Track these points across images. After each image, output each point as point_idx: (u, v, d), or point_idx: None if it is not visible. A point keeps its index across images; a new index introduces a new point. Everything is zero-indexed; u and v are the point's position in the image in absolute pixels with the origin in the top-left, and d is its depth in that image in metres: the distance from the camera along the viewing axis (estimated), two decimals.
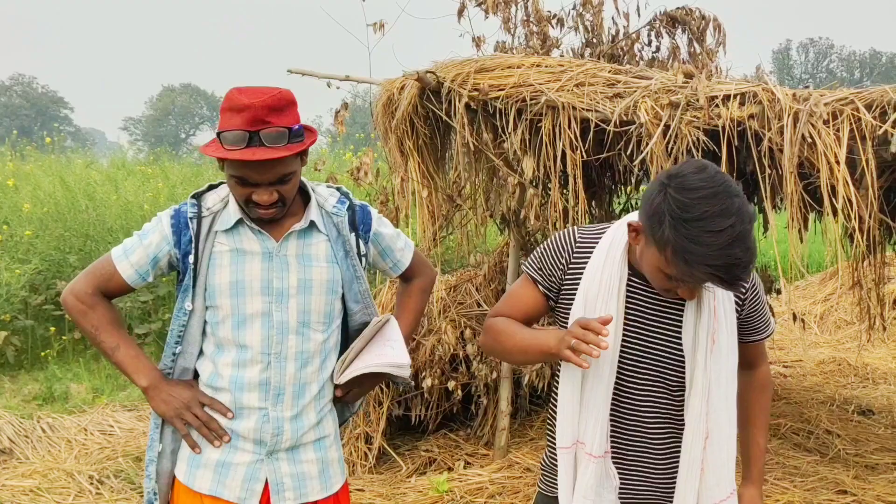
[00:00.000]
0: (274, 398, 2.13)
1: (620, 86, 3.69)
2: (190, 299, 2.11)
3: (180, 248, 2.12)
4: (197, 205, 2.14)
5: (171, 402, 2.12)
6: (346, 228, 2.22)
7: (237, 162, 1.97)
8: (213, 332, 2.14)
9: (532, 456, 4.75)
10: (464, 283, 5.54)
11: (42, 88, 62.98)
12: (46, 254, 8.10)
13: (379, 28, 4.49)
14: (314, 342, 2.17)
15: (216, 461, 2.13)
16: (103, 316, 2.15)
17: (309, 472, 2.20)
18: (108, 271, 2.14)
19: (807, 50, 67.46)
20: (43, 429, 5.40)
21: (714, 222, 1.68)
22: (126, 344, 2.17)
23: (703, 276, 1.73)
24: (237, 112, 1.96)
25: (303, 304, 2.14)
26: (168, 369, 2.17)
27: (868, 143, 3.06)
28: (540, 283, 2.06)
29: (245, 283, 2.10)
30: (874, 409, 6.10)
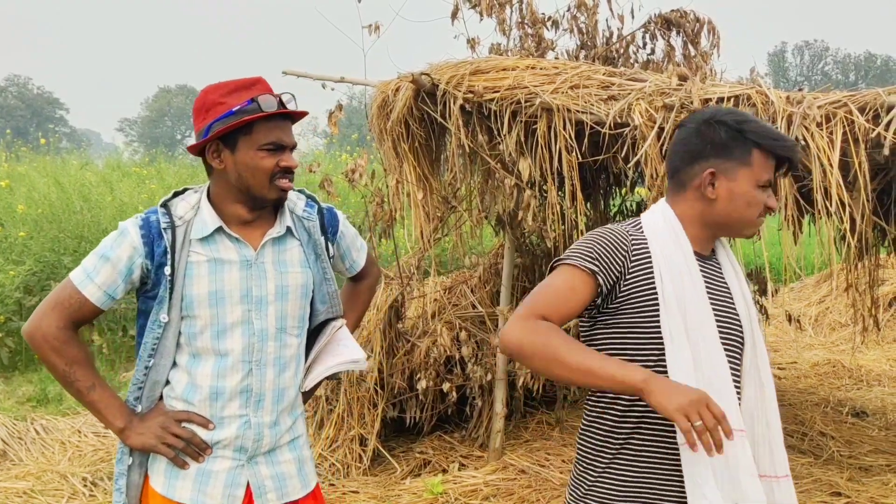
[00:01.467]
0: (255, 405, 2.12)
1: (615, 88, 3.70)
2: (165, 311, 2.05)
3: (153, 260, 2.05)
4: (168, 213, 2.09)
5: (149, 433, 2.07)
6: (317, 231, 2.26)
7: (271, 125, 2.05)
8: (190, 343, 2.09)
9: (527, 458, 4.75)
10: (459, 285, 5.54)
11: (37, 89, 62.82)
12: (41, 255, 8.09)
13: (374, 30, 4.49)
14: (291, 347, 2.19)
15: (196, 469, 2.10)
16: (78, 353, 2.07)
17: (288, 472, 2.21)
18: (75, 300, 2.04)
19: (802, 52, 67.58)
20: (37, 430, 5.40)
21: (761, 121, 2.02)
22: (101, 384, 2.09)
23: (789, 144, 1.97)
24: (246, 88, 2.06)
25: (280, 309, 2.15)
26: (139, 384, 2.11)
27: (861, 145, 3.07)
28: (599, 275, 1.87)
29: (224, 292, 2.08)
30: (868, 411, 6.11)
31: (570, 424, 5.31)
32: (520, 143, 3.87)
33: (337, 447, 4.83)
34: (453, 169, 4.40)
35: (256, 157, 2.04)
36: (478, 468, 4.70)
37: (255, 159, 2.05)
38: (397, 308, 5.05)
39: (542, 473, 4.57)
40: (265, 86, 2.10)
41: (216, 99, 2.06)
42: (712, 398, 1.70)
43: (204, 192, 2.15)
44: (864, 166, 3.08)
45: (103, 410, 2.08)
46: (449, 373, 4.98)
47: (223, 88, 2.08)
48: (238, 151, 2.05)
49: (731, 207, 1.95)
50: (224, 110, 2.04)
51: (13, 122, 52.00)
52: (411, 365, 4.95)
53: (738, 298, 2.01)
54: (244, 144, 2.04)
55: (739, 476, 1.85)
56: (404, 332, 5.08)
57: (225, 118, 2.03)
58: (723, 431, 1.66)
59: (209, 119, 2.06)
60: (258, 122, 2.04)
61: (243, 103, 2.03)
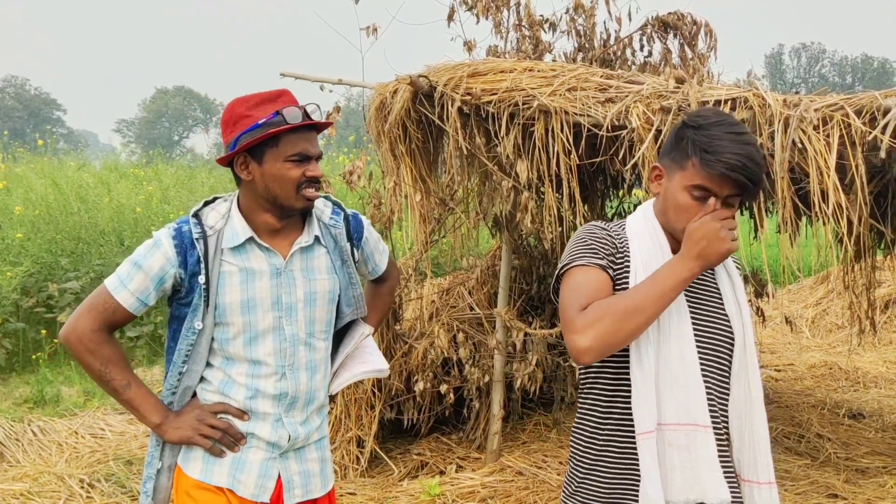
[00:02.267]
0: (288, 406, 2.21)
1: (612, 90, 3.71)
2: (200, 318, 2.12)
3: (187, 269, 2.12)
4: (199, 223, 2.15)
5: (186, 426, 2.15)
6: (343, 238, 2.33)
7: (296, 137, 2.10)
8: (222, 348, 2.17)
9: (524, 460, 4.75)
10: (456, 287, 5.54)
11: (35, 90, 62.77)
12: (38, 256, 8.09)
13: (372, 32, 4.49)
14: (320, 350, 2.27)
15: (231, 457, 2.19)
16: (113, 353, 2.15)
17: (312, 470, 2.30)
18: (109, 305, 2.12)
19: (799, 54, 67.75)
20: (34, 432, 5.39)
21: (729, 126, 1.87)
22: (136, 382, 2.18)
23: (732, 162, 1.81)
24: (271, 101, 2.13)
25: (309, 315, 2.23)
26: (172, 388, 2.19)
27: (858, 148, 3.07)
28: (608, 267, 1.93)
29: (256, 300, 2.15)
30: (865, 412, 6.12)
31: (567, 426, 5.32)
32: (517, 146, 3.88)
33: (334, 449, 4.83)
34: (451, 171, 4.41)
35: (283, 168, 2.10)
36: (475, 470, 4.70)
37: (282, 170, 2.10)
38: (395, 310, 5.05)
39: (540, 475, 4.57)
40: (290, 98, 2.16)
41: (242, 112, 2.12)
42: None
43: (234, 202, 2.22)
44: (860, 169, 3.09)
45: (140, 407, 2.15)
46: (446, 374, 4.98)
47: (249, 101, 2.13)
48: (265, 163, 2.11)
49: (665, 207, 1.95)
50: (250, 123, 2.10)
51: (10, 123, 51.97)
52: (409, 367, 4.95)
53: (728, 299, 2.00)
54: (271, 156, 2.10)
55: (701, 471, 1.88)
56: (402, 333, 5.09)
57: (251, 131, 2.09)
58: None
59: (236, 132, 2.12)
60: (284, 134, 2.09)
61: (269, 116, 2.09)
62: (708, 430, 1.89)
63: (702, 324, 1.96)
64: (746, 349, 1.99)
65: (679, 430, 1.89)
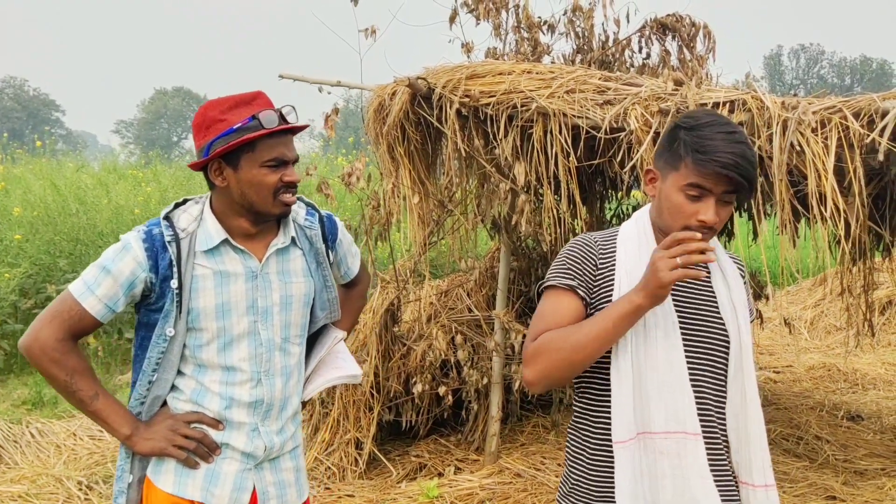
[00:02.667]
0: (264, 414, 2.14)
1: (611, 93, 3.71)
2: (172, 324, 2.04)
3: (158, 273, 2.03)
4: (171, 226, 2.06)
5: (158, 437, 2.06)
6: (319, 240, 2.27)
7: (273, 142, 2.03)
8: (195, 355, 2.09)
9: (522, 462, 4.75)
10: (455, 289, 5.54)
11: (34, 91, 62.76)
12: (36, 258, 8.08)
13: (371, 33, 4.49)
14: (294, 356, 2.22)
15: (205, 469, 2.11)
16: (79, 363, 2.04)
17: (288, 480, 2.24)
18: (75, 312, 2.01)
19: (798, 56, 67.78)
20: (32, 434, 5.38)
21: (722, 126, 1.86)
22: (104, 392, 2.07)
23: (723, 161, 1.81)
24: (246, 104, 2.04)
25: (284, 319, 2.17)
26: (141, 398, 2.09)
27: (856, 151, 3.08)
28: (578, 288, 1.97)
29: (231, 304, 2.08)
30: (863, 414, 6.12)
31: (565, 428, 5.32)
32: (515, 148, 3.88)
33: (333, 451, 4.83)
34: (449, 173, 4.40)
35: (259, 174, 2.03)
36: (473, 472, 4.70)
37: (259, 176, 2.03)
38: (393, 312, 5.05)
39: (538, 477, 4.57)
40: (265, 100, 2.08)
41: (216, 116, 2.04)
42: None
43: (206, 204, 2.14)
44: (859, 171, 3.09)
45: (108, 419, 2.06)
46: (445, 376, 4.98)
47: (223, 104, 2.05)
48: (241, 169, 2.04)
49: (660, 209, 1.95)
50: (225, 128, 2.02)
51: (9, 124, 51.97)
52: (407, 368, 4.95)
53: (723, 303, 1.99)
54: (246, 162, 2.03)
55: (690, 479, 1.88)
56: (400, 335, 5.09)
57: (226, 136, 2.02)
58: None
59: (210, 137, 2.04)
60: (260, 139, 2.02)
61: (244, 121, 2.01)
62: (697, 437, 1.89)
63: (694, 328, 1.96)
64: (742, 352, 1.97)
65: (669, 437, 1.88)
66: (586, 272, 1.99)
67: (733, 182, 1.83)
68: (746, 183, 1.84)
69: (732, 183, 1.83)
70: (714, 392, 1.96)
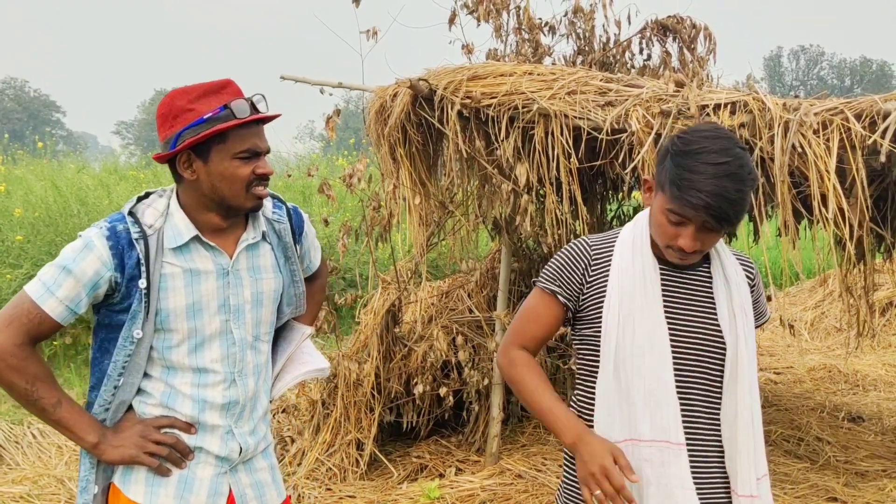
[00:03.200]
0: (238, 416, 2.07)
1: (612, 94, 3.71)
2: (139, 326, 1.92)
3: (124, 272, 1.91)
4: (136, 222, 1.95)
5: (128, 443, 1.95)
6: (287, 234, 2.19)
7: (245, 132, 1.94)
8: (163, 357, 1.99)
9: (523, 462, 4.75)
10: (455, 290, 5.54)
11: (34, 92, 62.79)
12: (38, 259, 8.09)
13: (372, 35, 4.49)
14: (263, 354, 2.15)
15: (178, 475, 2.01)
16: (39, 370, 1.91)
17: (264, 480, 2.17)
18: (34, 315, 1.88)
19: (798, 57, 67.80)
20: (33, 434, 5.39)
21: (710, 156, 1.79)
22: (67, 399, 1.95)
23: (694, 200, 1.78)
24: (215, 93, 1.95)
25: (256, 317, 2.09)
26: (105, 405, 1.97)
27: (858, 152, 3.08)
28: (560, 294, 2.04)
29: (203, 303, 1.98)
30: (864, 415, 6.12)
31: None
32: (517, 149, 3.88)
33: (334, 451, 4.83)
34: (450, 174, 4.41)
35: (231, 166, 1.94)
36: (474, 473, 4.70)
37: (230, 168, 1.94)
38: (394, 312, 5.06)
39: (539, 478, 4.57)
40: (235, 89, 1.98)
41: (184, 105, 1.93)
42: (615, 467, 1.82)
43: (172, 197, 2.04)
44: (861, 173, 3.10)
45: (73, 427, 1.94)
46: (446, 377, 4.98)
47: (191, 93, 1.94)
48: (211, 161, 1.94)
49: (650, 221, 1.97)
50: (194, 118, 1.92)
51: (9, 125, 51.97)
52: (408, 369, 4.95)
53: (722, 310, 1.97)
54: (217, 154, 1.94)
55: (672, 487, 1.91)
56: (401, 336, 5.09)
57: (195, 126, 1.92)
58: (625, 499, 1.80)
59: (177, 127, 1.93)
60: (232, 130, 1.92)
61: (215, 110, 1.92)
62: (681, 448, 1.91)
63: (686, 335, 1.96)
64: (738, 361, 1.96)
65: (653, 446, 1.92)
66: (573, 280, 2.04)
67: (713, 222, 1.81)
68: (724, 222, 1.81)
69: (713, 223, 1.81)
70: (707, 400, 1.98)
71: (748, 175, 1.80)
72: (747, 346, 1.96)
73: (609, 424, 1.96)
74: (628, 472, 1.82)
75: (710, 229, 1.84)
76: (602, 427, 1.96)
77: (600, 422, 1.97)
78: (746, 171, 1.80)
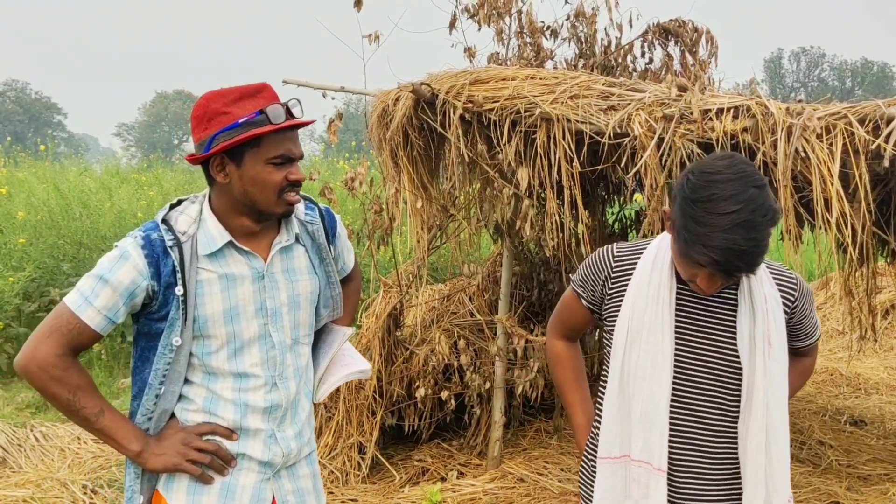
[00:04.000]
0: (280, 419, 2.07)
1: (614, 98, 3.71)
2: (178, 333, 1.93)
3: (160, 281, 1.91)
4: (170, 229, 1.95)
5: (170, 452, 1.95)
6: (321, 235, 2.18)
7: (279, 138, 1.93)
8: (204, 363, 1.99)
9: (525, 466, 4.75)
10: (457, 293, 5.55)
11: (35, 94, 62.86)
12: (40, 261, 8.09)
13: (374, 39, 4.50)
14: (304, 356, 2.15)
15: (220, 484, 2.01)
16: (81, 379, 1.92)
17: (306, 487, 2.17)
18: (74, 326, 1.88)
19: (798, 59, 67.80)
20: (36, 437, 5.38)
21: (719, 205, 1.69)
22: (109, 408, 1.95)
23: (699, 258, 1.73)
24: (251, 97, 1.94)
25: (294, 319, 2.09)
26: (148, 413, 1.98)
27: (861, 157, 3.08)
28: (584, 298, 2.13)
29: (239, 308, 1.99)
30: (866, 419, 6.11)
31: (568, 433, 5.31)
32: (519, 153, 3.88)
33: (335, 455, 4.83)
34: (452, 178, 4.41)
35: (264, 172, 1.93)
36: (476, 476, 4.70)
37: (263, 174, 1.93)
38: (396, 316, 5.06)
39: (541, 482, 4.57)
40: (271, 93, 1.98)
41: (219, 108, 1.93)
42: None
43: (205, 203, 2.04)
44: (864, 177, 3.09)
45: (115, 435, 1.94)
46: (447, 381, 4.98)
47: (227, 96, 1.94)
48: (244, 165, 1.93)
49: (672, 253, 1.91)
50: (229, 121, 1.91)
51: (11, 127, 52.07)
52: (410, 373, 4.95)
53: (742, 337, 1.91)
54: (251, 158, 1.93)
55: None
56: (402, 340, 5.09)
57: (230, 129, 1.91)
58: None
59: (212, 130, 1.93)
60: (267, 135, 1.91)
61: (250, 115, 1.91)
62: (661, 473, 1.93)
63: (699, 359, 1.94)
64: (754, 391, 1.91)
65: (641, 466, 1.94)
66: (596, 286, 2.08)
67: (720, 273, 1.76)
68: (735, 273, 1.76)
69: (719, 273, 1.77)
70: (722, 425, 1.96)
71: (763, 218, 1.71)
72: (765, 375, 1.90)
73: (610, 439, 1.99)
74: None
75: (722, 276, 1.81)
76: (605, 438, 1.99)
77: (604, 432, 2.00)
78: (761, 214, 1.71)
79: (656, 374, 1.91)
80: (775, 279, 2.02)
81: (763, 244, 1.72)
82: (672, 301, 1.93)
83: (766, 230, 1.72)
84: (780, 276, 2.03)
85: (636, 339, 1.93)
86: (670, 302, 1.92)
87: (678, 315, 1.94)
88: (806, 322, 2.09)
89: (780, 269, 2.05)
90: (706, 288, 1.82)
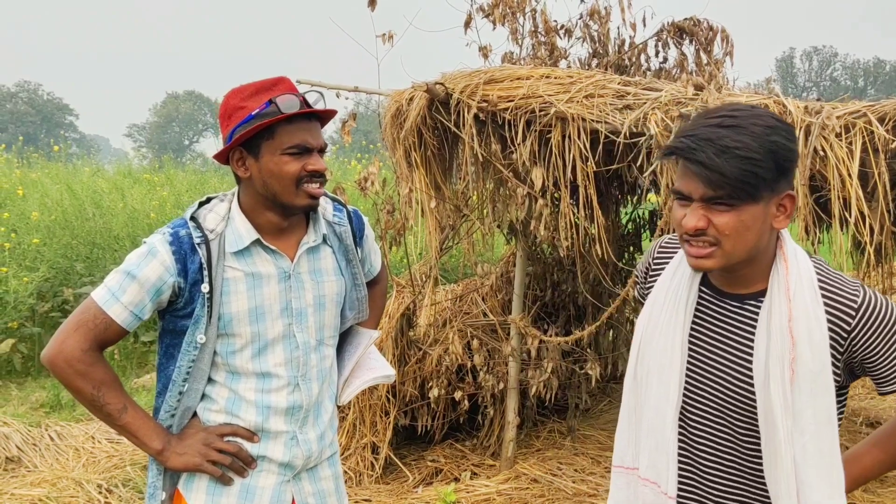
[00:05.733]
0: (302, 421, 2.06)
1: (630, 97, 3.69)
2: (202, 331, 1.94)
3: (187, 278, 1.92)
4: (198, 227, 1.96)
5: (191, 451, 1.96)
6: (349, 237, 2.18)
7: (293, 128, 1.92)
8: (227, 362, 2.00)
9: (539, 467, 4.74)
10: (470, 294, 5.54)
11: (47, 95, 63.21)
12: (54, 261, 8.13)
13: (388, 39, 4.49)
14: (328, 358, 2.15)
15: (240, 485, 2.01)
16: (106, 375, 1.94)
17: (328, 490, 2.17)
18: (101, 321, 1.90)
19: (810, 58, 67.52)
20: (51, 437, 5.40)
21: (712, 116, 1.53)
22: (133, 405, 1.97)
23: (668, 149, 1.55)
24: (267, 90, 1.95)
25: (319, 320, 2.09)
26: (171, 410, 2.00)
27: (881, 156, 3.05)
28: (637, 289, 2.02)
29: (265, 307, 1.98)
30: (882, 420, 6.08)
31: (582, 433, 5.30)
32: (533, 153, 3.87)
33: (349, 455, 4.83)
34: (466, 177, 4.40)
35: (280, 162, 1.93)
36: (490, 477, 4.69)
37: (279, 164, 1.93)
38: (409, 316, 5.05)
39: (555, 483, 4.56)
40: (287, 85, 1.98)
41: (236, 103, 1.96)
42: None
43: (234, 201, 2.04)
44: (884, 176, 3.07)
45: (138, 432, 1.95)
46: (461, 381, 4.97)
47: (244, 91, 1.96)
48: (262, 157, 1.94)
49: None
50: (244, 115, 1.93)
51: (23, 128, 52.39)
52: (423, 373, 4.95)
53: (758, 363, 1.61)
54: (267, 149, 1.93)
55: None
56: (416, 340, 5.08)
57: (245, 123, 1.93)
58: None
59: (231, 125, 1.96)
60: (280, 125, 1.92)
61: (262, 106, 1.93)
62: (671, 501, 1.73)
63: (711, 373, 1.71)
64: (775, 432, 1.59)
65: (647, 486, 1.76)
66: (641, 274, 1.98)
67: (700, 178, 1.49)
68: (711, 170, 1.47)
69: (701, 179, 1.50)
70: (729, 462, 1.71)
71: (764, 134, 1.47)
72: (786, 411, 1.58)
73: (622, 447, 1.85)
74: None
75: (719, 207, 1.51)
76: (619, 444, 1.86)
77: (619, 438, 1.87)
78: (761, 128, 1.48)
79: (663, 385, 1.72)
80: (824, 294, 1.61)
81: (752, 157, 1.47)
82: (690, 303, 1.72)
83: (760, 145, 1.47)
84: (833, 292, 1.62)
85: (650, 341, 1.77)
86: (687, 303, 1.72)
87: (695, 321, 1.73)
88: (883, 361, 1.62)
89: (837, 283, 1.63)
90: (689, 224, 1.55)
